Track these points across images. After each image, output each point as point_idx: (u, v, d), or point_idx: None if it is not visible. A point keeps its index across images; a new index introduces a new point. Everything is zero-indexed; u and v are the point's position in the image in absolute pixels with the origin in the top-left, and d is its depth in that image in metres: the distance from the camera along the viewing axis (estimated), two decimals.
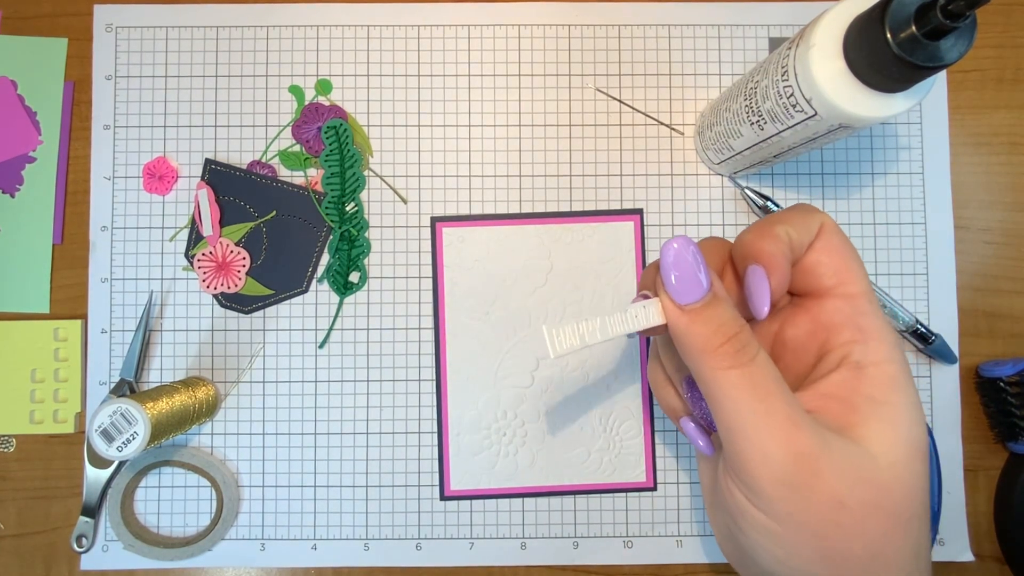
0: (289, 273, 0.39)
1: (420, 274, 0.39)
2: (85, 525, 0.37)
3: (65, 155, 0.39)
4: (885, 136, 0.40)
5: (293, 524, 0.38)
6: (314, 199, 0.39)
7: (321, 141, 0.39)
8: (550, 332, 0.23)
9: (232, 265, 0.38)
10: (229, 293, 0.39)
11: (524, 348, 0.39)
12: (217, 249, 0.38)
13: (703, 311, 0.22)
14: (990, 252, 0.40)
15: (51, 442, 0.39)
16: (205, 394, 0.37)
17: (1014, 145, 0.40)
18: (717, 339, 0.22)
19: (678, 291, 0.22)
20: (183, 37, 0.40)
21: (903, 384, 0.23)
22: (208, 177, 0.39)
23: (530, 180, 0.39)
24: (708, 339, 0.22)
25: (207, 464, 0.38)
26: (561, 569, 0.38)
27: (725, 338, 0.22)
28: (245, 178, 0.39)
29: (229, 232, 0.39)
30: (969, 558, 0.38)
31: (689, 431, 0.26)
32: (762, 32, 0.40)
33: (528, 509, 0.38)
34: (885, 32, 0.24)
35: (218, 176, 0.39)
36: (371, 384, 0.39)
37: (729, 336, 0.22)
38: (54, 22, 0.40)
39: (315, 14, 0.40)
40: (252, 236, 0.39)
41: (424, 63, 0.40)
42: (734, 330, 0.22)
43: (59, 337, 0.39)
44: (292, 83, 0.39)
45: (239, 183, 0.39)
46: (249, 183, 0.39)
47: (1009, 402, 0.37)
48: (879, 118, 0.27)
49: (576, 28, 0.40)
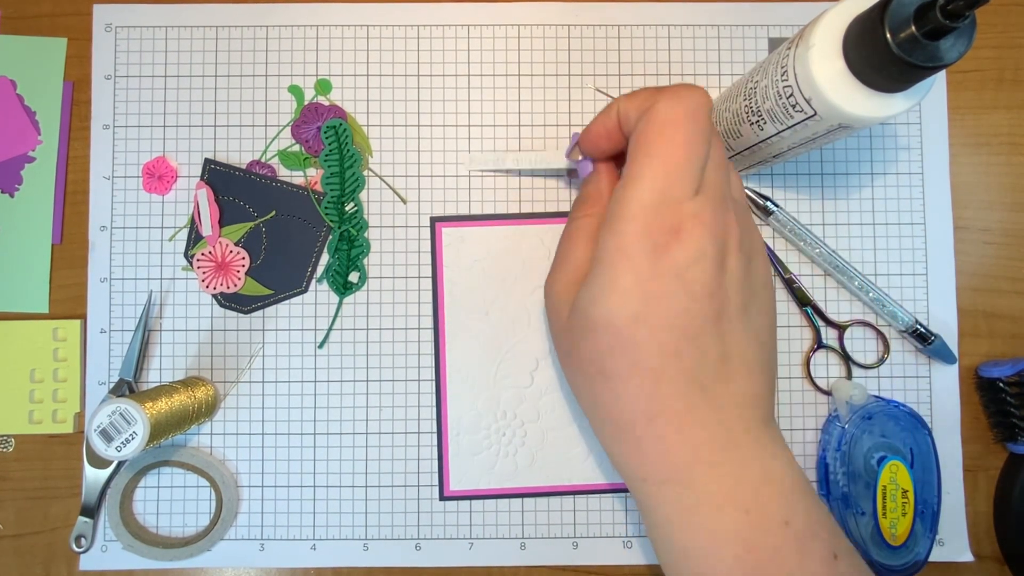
0: (289, 273, 0.39)
1: (420, 274, 0.39)
2: (84, 525, 0.37)
3: (64, 155, 0.39)
4: (885, 136, 0.40)
5: (292, 524, 0.38)
6: (314, 199, 0.39)
7: (320, 141, 0.39)
8: (472, 154, 0.37)
9: (231, 265, 0.38)
10: (228, 293, 0.39)
11: (524, 348, 0.39)
12: (216, 249, 0.38)
13: (584, 183, 0.33)
14: (990, 252, 0.40)
15: (50, 442, 0.39)
16: (204, 394, 0.37)
17: (1014, 145, 0.40)
18: (580, 198, 0.33)
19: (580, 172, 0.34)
20: (183, 37, 0.40)
21: (603, 258, 0.27)
22: (208, 177, 0.39)
23: (530, 180, 0.39)
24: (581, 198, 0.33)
25: (206, 464, 0.38)
26: (561, 569, 0.38)
27: (581, 199, 0.33)
28: (245, 178, 0.39)
29: (228, 232, 0.39)
30: (968, 558, 0.38)
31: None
32: (762, 32, 0.40)
33: (528, 509, 0.38)
34: (885, 32, 0.24)
35: (217, 175, 0.39)
36: (371, 384, 0.39)
37: (583, 198, 0.32)
38: (53, 22, 0.40)
39: (315, 14, 0.40)
40: (251, 236, 0.39)
41: (424, 63, 0.40)
42: (586, 195, 0.32)
43: (58, 337, 0.39)
44: (292, 83, 0.39)
45: (238, 183, 0.39)
46: (249, 183, 0.39)
47: (1008, 402, 0.37)
48: (879, 118, 0.27)
49: (576, 28, 0.40)
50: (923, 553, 0.36)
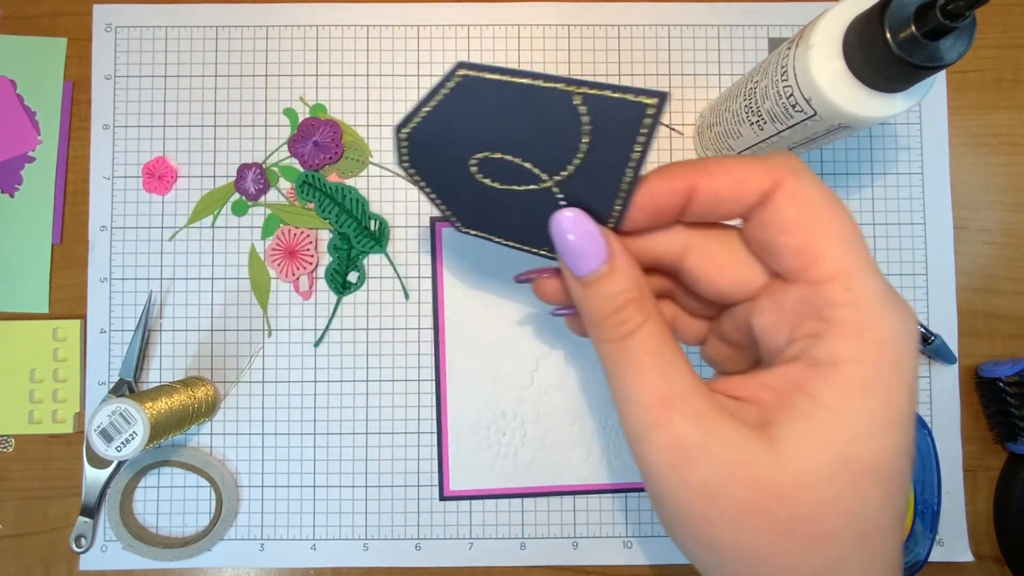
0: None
1: (420, 274, 0.39)
2: (84, 525, 0.37)
3: (64, 155, 0.39)
4: (884, 136, 0.40)
5: (292, 524, 0.38)
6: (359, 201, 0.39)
7: (316, 156, 0.39)
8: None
9: (300, 251, 0.38)
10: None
11: (524, 348, 0.39)
12: (284, 236, 0.39)
13: (596, 283, 0.21)
14: (989, 252, 0.40)
15: (50, 442, 0.39)
16: (204, 394, 0.37)
17: (1014, 145, 0.40)
18: (603, 311, 0.21)
19: (570, 262, 0.21)
20: (182, 37, 0.40)
21: (867, 392, 0.18)
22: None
23: None
24: (595, 310, 0.21)
25: (206, 464, 0.38)
26: (561, 569, 0.38)
27: (611, 310, 0.21)
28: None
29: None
30: (968, 558, 0.38)
31: None
32: (762, 32, 0.40)
33: (528, 509, 0.38)
34: (884, 32, 0.24)
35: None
36: (371, 384, 0.39)
37: (614, 309, 0.21)
38: (53, 22, 0.40)
39: (315, 14, 0.40)
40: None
41: (424, 63, 0.40)
42: (620, 303, 0.21)
43: (58, 337, 0.39)
44: (287, 107, 0.39)
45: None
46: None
47: (1008, 402, 0.37)
48: (879, 118, 0.27)
49: (576, 28, 0.40)
50: (923, 553, 0.36)
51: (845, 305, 0.19)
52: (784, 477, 0.18)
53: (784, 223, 0.19)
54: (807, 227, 0.19)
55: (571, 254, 0.21)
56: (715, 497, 0.19)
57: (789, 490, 0.18)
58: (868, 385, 0.19)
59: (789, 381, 0.20)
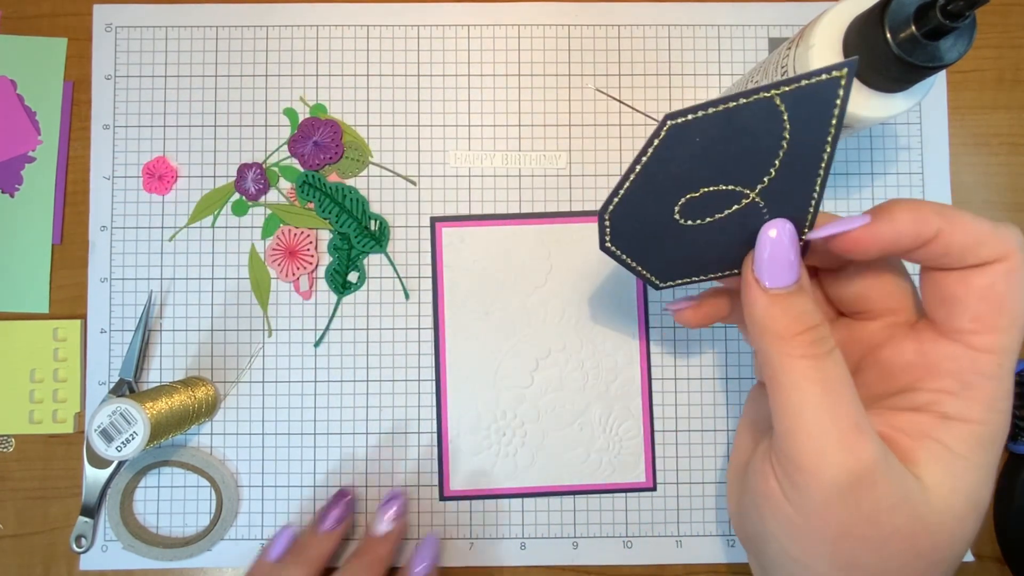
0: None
1: (420, 274, 0.39)
2: (84, 525, 0.37)
3: (64, 155, 0.39)
4: (885, 136, 0.40)
5: (293, 524, 0.38)
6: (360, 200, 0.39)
7: (316, 156, 0.39)
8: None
9: (300, 251, 0.38)
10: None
11: (524, 348, 0.39)
12: (284, 236, 0.39)
13: (787, 297, 0.22)
14: None
15: (50, 442, 0.39)
16: (205, 394, 0.37)
17: (1014, 145, 0.40)
18: (796, 327, 0.21)
19: (767, 274, 0.22)
20: (183, 37, 0.40)
21: (988, 447, 0.22)
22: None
23: (530, 180, 0.39)
24: (787, 325, 0.21)
25: (206, 464, 0.38)
26: (560, 569, 0.38)
27: (804, 327, 0.21)
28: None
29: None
30: (969, 558, 0.38)
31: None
32: (762, 32, 0.40)
33: (528, 509, 0.38)
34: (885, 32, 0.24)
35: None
36: (371, 384, 0.39)
37: (808, 326, 0.21)
38: (53, 22, 0.40)
39: (315, 14, 0.40)
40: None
41: (424, 63, 0.40)
42: (814, 321, 0.21)
43: (58, 337, 0.39)
44: (288, 106, 0.39)
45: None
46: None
47: None
48: (879, 118, 0.27)
49: (576, 28, 0.40)
50: None
51: (994, 379, 0.21)
52: (931, 512, 0.21)
53: (990, 294, 0.21)
54: (1005, 305, 0.21)
55: (775, 262, 0.22)
56: (878, 523, 0.21)
57: (934, 525, 0.21)
58: (990, 443, 0.22)
59: (919, 428, 0.22)
